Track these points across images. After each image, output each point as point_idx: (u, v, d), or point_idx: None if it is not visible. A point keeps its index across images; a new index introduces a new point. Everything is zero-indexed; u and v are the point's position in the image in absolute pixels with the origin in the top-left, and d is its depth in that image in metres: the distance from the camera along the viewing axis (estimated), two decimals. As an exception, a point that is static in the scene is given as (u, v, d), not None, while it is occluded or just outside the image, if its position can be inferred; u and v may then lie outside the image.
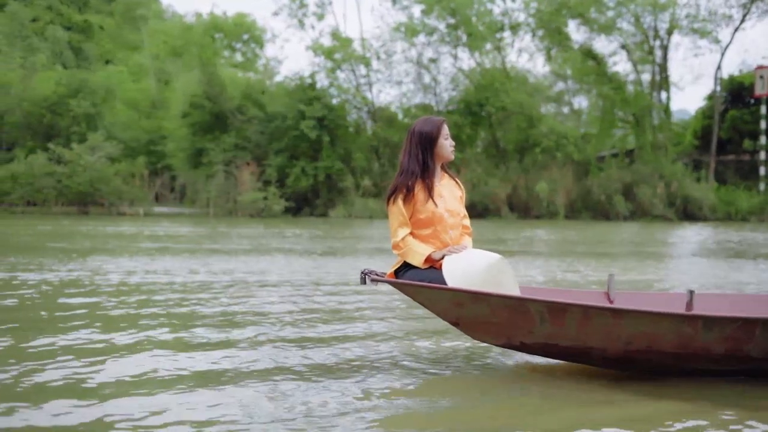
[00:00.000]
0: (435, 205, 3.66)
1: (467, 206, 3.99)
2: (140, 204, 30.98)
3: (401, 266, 3.72)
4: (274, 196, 30.88)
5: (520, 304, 3.36)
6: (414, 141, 3.73)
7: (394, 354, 4.14)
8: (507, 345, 3.63)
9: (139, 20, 53.04)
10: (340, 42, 34.32)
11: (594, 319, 3.30)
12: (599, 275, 8.68)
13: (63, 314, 5.35)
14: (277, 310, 5.83)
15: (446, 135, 3.77)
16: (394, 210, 3.68)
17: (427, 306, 3.59)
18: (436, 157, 3.75)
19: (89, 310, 5.58)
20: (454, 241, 3.73)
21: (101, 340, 4.43)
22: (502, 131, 35.12)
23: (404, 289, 3.56)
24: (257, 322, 5.19)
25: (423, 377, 3.63)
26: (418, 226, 3.68)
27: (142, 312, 5.56)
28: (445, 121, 3.80)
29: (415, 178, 3.68)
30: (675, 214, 32.81)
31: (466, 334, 3.69)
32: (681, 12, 34.43)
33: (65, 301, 6.10)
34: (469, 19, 34.30)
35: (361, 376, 3.61)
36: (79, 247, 12.18)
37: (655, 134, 35.35)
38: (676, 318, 3.29)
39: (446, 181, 3.84)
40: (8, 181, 29.29)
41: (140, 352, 4.10)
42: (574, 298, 3.99)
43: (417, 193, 3.67)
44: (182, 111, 34.37)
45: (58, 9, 55.90)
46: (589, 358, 3.54)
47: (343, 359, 3.99)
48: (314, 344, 4.43)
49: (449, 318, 3.59)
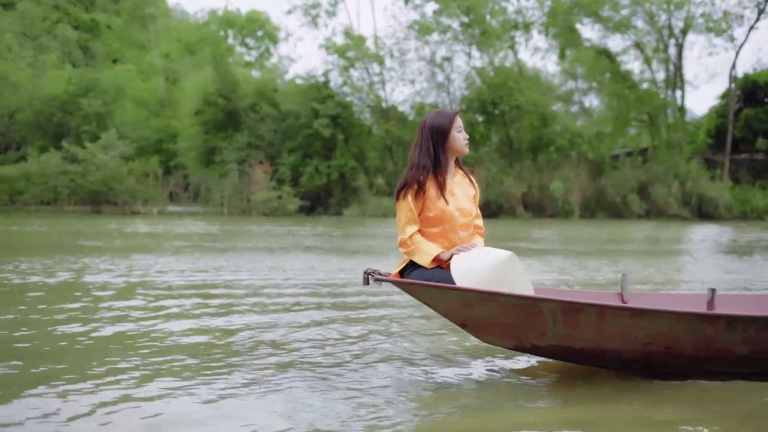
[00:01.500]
0: (446, 202, 3.48)
1: (481, 205, 3.81)
2: (154, 203, 30.83)
3: (407, 265, 3.53)
4: (288, 195, 30.73)
5: (531, 304, 3.17)
6: (425, 134, 3.55)
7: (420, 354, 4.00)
8: (517, 347, 3.45)
9: (147, 19, 52.97)
10: (353, 40, 34.15)
11: (610, 320, 3.14)
12: (617, 276, 8.40)
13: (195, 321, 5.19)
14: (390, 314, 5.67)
15: (459, 127, 3.56)
16: (403, 206, 3.50)
17: (433, 306, 3.39)
18: (449, 151, 3.56)
19: (194, 310, 5.43)
20: (464, 241, 3.54)
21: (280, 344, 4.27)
22: (515, 130, 34.95)
23: (409, 289, 3.35)
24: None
25: (442, 378, 3.52)
26: (427, 223, 3.51)
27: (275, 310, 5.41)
28: (458, 113, 3.61)
29: (427, 173, 3.50)
30: (690, 213, 32.66)
31: (474, 336, 3.49)
32: (696, 10, 34.25)
33: (162, 303, 5.95)
34: (483, 17, 34.13)
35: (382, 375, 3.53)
36: (116, 246, 12.03)
37: (670, 133, 35.19)
38: (696, 318, 3.13)
39: (459, 179, 3.65)
40: (21, 180, 29.13)
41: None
42: (586, 298, 3.81)
43: (428, 189, 3.49)
44: (195, 109, 34.21)
45: (65, 8, 55.78)
46: (605, 361, 3.38)
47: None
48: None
49: (456, 319, 3.38)
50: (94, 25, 55.84)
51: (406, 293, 3.42)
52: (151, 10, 53.34)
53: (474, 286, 3.19)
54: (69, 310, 5.26)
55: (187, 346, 4.14)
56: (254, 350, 4.05)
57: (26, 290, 6.33)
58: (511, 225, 25.38)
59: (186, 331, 4.57)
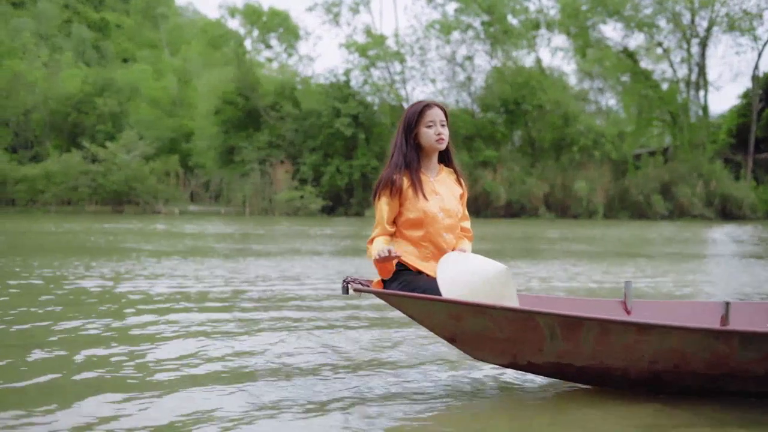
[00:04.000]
0: (426, 199, 3.11)
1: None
2: (175, 203, 30.56)
3: (392, 272, 3.14)
4: (311, 195, 30.46)
5: (527, 318, 2.86)
6: (400, 128, 3.19)
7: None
8: (512, 365, 3.12)
9: (158, 18, 52.77)
10: (374, 39, 33.88)
11: (614, 335, 2.85)
12: (646, 280, 7.77)
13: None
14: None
15: (429, 122, 3.12)
16: (376, 207, 3.16)
17: (418, 320, 3.04)
18: (423, 148, 3.18)
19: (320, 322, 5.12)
20: (450, 244, 3.17)
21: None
22: (536, 129, 34.68)
23: (391, 300, 2.99)
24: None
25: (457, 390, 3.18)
26: (408, 226, 3.14)
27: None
28: (428, 105, 3.15)
29: (401, 171, 3.12)
30: (714, 214, 32.41)
31: (464, 353, 3.14)
32: (721, 9, 33.99)
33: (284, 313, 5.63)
34: (504, 16, 33.88)
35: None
36: (165, 249, 11.74)
37: (693, 132, 34.94)
38: (709, 334, 2.82)
39: (444, 176, 3.26)
40: (42, 180, 28.85)
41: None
42: (586, 308, 3.49)
43: (405, 189, 3.11)
44: (213, 108, 33.92)
45: (75, 7, 55.55)
46: (609, 380, 3.07)
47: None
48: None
49: (445, 334, 3.05)
50: (103, 25, 55.62)
51: (390, 305, 3.05)
52: (162, 9, 53.19)
53: (462, 298, 2.89)
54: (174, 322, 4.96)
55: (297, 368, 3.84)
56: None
57: (122, 297, 6.03)
58: (535, 225, 25.10)
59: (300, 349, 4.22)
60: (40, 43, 42.60)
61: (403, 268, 3.11)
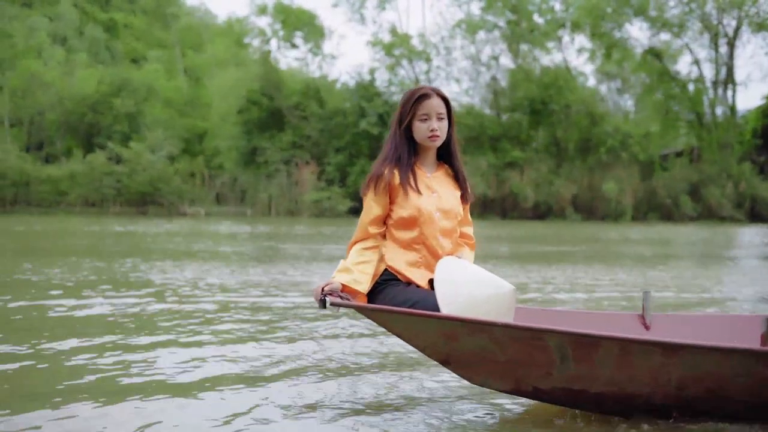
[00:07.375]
0: (420, 194, 2.74)
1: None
2: (200, 204, 30.06)
3: (377, 282, 2.76)
4: (337, 196, 30.00)
5: (533, 337, 2.47)
6: (394, 118, 2.83)
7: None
8: (516, 391, 2.72)
9: (169, 18, 52.22)
10: (399, 38, 33.46)
11: (635, 357, 2.46)
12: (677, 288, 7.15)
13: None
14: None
15: (423, 115, 2.73)
16: (364, 205, 2.79)
17: (406, 338, 2.65)
18: (418, 142, 2.80)
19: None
20: (446, 250, 2.79)
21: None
22: (562, 130, 34.28)
23: (375, 316, 2.61)
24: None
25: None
26: (399, 226, 2.77)
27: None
28: (425, 94, 2.74)
29: (392, 166, 2.75)
30: (744, 215, 32.08)
31: (460, 377, 2.75)
32: (751, 8, 33.68)
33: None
34: (531, 15, 33.52)
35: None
36: (222, 251, 11.29)
37: (720, 133, 34.60)
38: (748, 355, 2.42)
39: (442, 175, 2.87)
40: (66, 181, 28.31)
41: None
42: (598, 324, 3.05)
43: (395, 185, 2.74)
44: (236, 107, 33.42)
45: (83, 7, 55.02)
46: (630, 407, 2.63)
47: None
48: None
49: (437, 355, 2.67)
50: (112, 24, 55.10)
51: (375, 323, 2.66)
52: (173, 9, 52.65)
53: (459, 313, 2.50)
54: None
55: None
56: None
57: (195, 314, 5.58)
58: (562, 227, 24.68)
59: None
60: (56, 44, 42.09)
61: (391, 278, 2.73)
